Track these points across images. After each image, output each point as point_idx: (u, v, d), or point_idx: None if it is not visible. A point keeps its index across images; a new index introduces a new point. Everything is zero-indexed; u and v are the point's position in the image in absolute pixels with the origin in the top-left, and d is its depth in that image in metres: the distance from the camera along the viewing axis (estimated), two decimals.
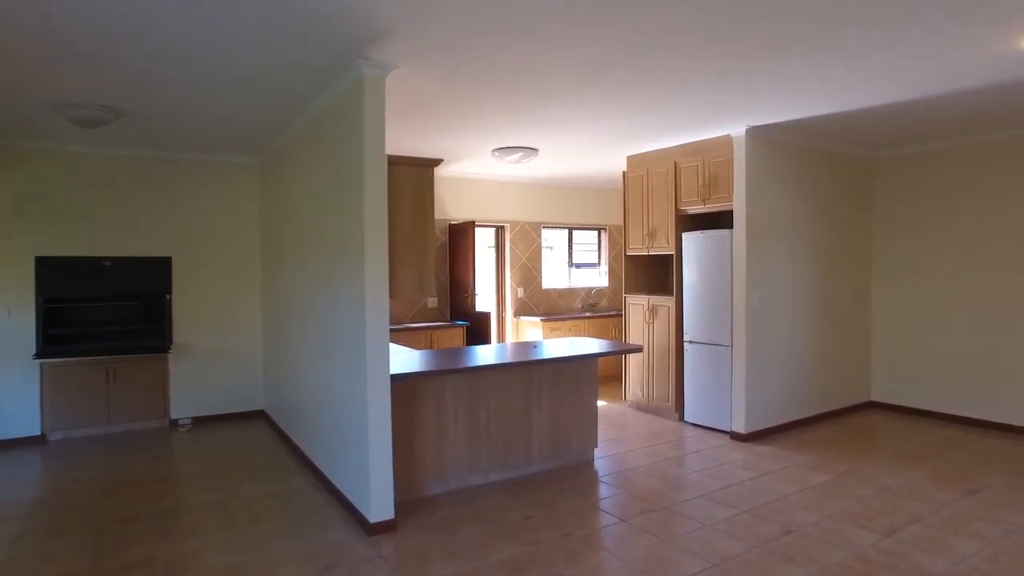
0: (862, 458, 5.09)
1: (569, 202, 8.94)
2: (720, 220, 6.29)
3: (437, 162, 4.11)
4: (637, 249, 6.76)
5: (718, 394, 5.87)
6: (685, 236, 6.19)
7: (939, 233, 6.32)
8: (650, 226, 6.57)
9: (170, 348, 6.32)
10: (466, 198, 8.07)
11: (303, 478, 4.78)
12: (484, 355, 4.71)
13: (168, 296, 6.36)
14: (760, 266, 5.68)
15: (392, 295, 3.94)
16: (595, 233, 9.38)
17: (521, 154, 6.48)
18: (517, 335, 8.45)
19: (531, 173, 8.02)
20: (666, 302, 6.40)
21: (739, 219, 5.60)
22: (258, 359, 6.76)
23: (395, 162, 3.93)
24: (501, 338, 8.51)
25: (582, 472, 4.85)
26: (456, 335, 7.33)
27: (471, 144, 6.23)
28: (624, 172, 6.93)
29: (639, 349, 4.99)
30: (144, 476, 4.91)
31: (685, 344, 6.19)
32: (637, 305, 6.74)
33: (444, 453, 4.41)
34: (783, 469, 4.83)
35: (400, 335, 6.96)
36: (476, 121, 5.23)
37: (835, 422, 6.26)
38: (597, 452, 5.23)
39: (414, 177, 3.98)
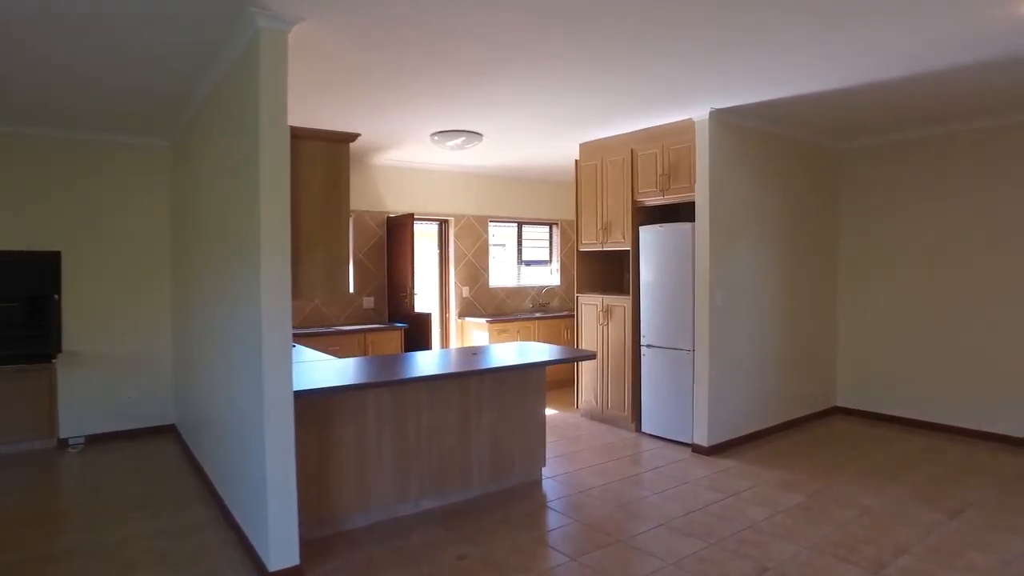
0: (835, 473, 4.65)
1: (519, 195, 8.35)
2: (680, 213, 5.79)
3: (353, 137, 3.46)
4: (590, 244, 6.22)
5: (678, 403, 5.36)
6: (642, 230, 5.68)
7: (906, 230, 5.96)
8: (604, 219, 6.03)
9: (57, 356, 5.48)
10: (406, 189, 7.41)
11: (206, 510, 4.06)
12: (416, 364, 4.08)
13: (56, 296, 5.52)
14: (725, 263, 5.20)
15: (297, 294, 3.28)
16: (546, 228, 8.83)
17: (463, 139, 5.87)
18: (462, 338, 7.82)
19: (478, 163, 7.42)
20: (622, 302, 5.88)
21: (702, 211, 5.10)
22: (168, 367, 5.97)
23: (302, 136, 3.26)
24: (445, 341, 7.88)
25: (528, 496, 4.27)
26: (393, 339, 6.67)
27: (408, 127, 5.58)
28: (576, 161, 6.38)
29: (592, 356, 4.43)
30: (8, 514, 4.11)
31: (642, 348, 5.67)
32: (590, 305, 6.20)
33: (367, 480, 3.77)
34: (752, 488, 4.34)
35: (330, 339, 6.26)
36: (411, 97, 4.60)
37: (802, 430, 5.83)
38: (545, 472, 4.65)
39: (326, 154, 3.32)
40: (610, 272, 6.58)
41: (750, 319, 5.47)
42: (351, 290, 7.05)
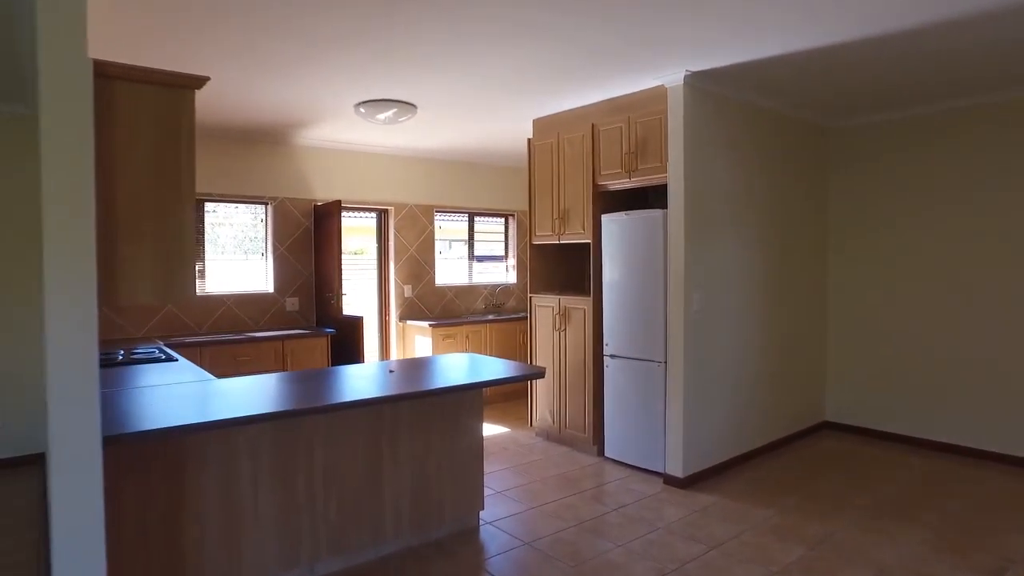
0: (835, 512, 3.84)
1: (470, 183, 7.43)
2: (650, 199, 4.94)
3: (200, 81, 2.51)
4: (545, 236, 5.34)
5: (648, 424, 4.51)
6: (605, 219, 4.81)
7: (907, 223, 5.20)
8: (562, 207, 5.16)
9: None
10: (337, 174, 6.44)
11: None
12: (315, 386, 3.14)
13: None
14: (702, 258, 4.36)
15: (113, 298, 2.32)
16: (501, 221, 7.93)
17: (395, 110, 4.94)
18: (403, 345, 6.88)
19: (421, 145, 6.48)
20: (582, 304, 5.01)
21: (675, 195, 4.25)
22: (36, 387, 4.92)
23: (118, 75, 2.30)
24: (385, 348, 6.93)
25: (459, 550, 3.37)
26: (318, 347, 5.70)
27: (326, 95, 4.63)
28: (529, 140, 5.48)
29: (540, 374, 3.54)
30: None
31: (606, 359, 4.81)
32: (545, 307, 5.32)
33: (237, 545, 2.83)
34: (739, 536, 3.50)
35: (240, 348, 5.28)
36: (317, 53, 3.66)
37: (790, 452, 5.03)
38: (485, 515, 3.76)
39: (158, 104, 2.37)
40: (569, 269, 5.72)
41: (731, 324, 4.64)
42: (270, 288, 6.07)
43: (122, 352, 4.24)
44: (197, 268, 5.63)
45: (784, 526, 3.64)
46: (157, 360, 4.05)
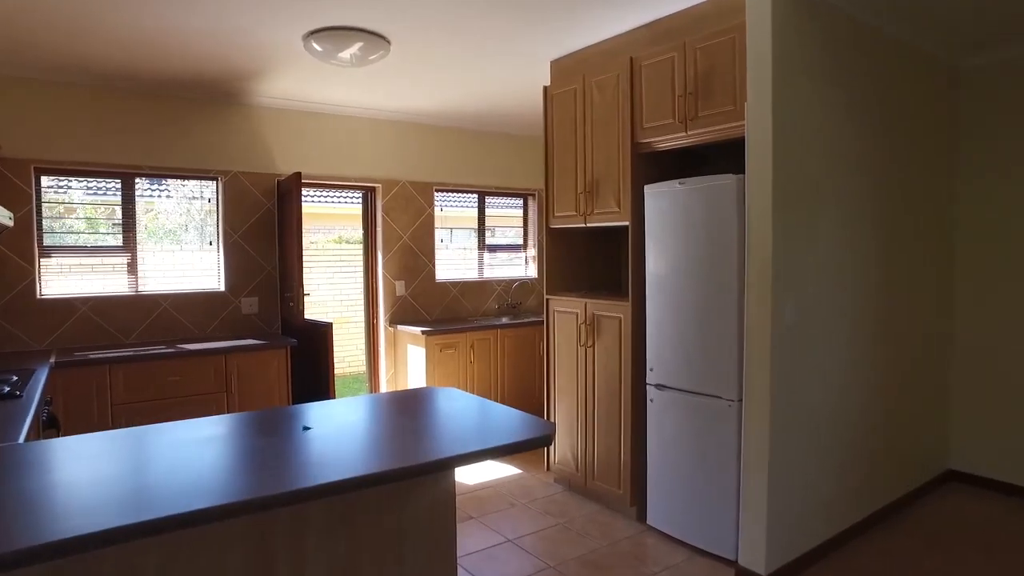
0: None
1: (479, 155, 6.06)
2: (710, 161, 3.52)
3: None
4: (567, 218, 3.96)
5: (712, 488, 3.12)
6: (650, 192, 3.40)
7: None
8: (589, 177, 3.77)
9: None
10: (309, 142, 5.14)
11: None
12: (138, 471, 1.83)
13: None
14: (799, 245, 2.93)
15: None
16: (519, 202, 6.54)
17: (360, 44, 3.61)
18: (393, 356, 5.57)
19: (414, 106, 5.14)
20: (617, 310, 3.62)
21: (759, 152, 2.81)
22: None
23: None
24: (373, 362, 5.63)
25: None
26: (273, 363, 4.42)
27: (269, 22, 3.32)
28: (546, 88, 4.09)
29: (546, 440, 2.16)
30: None
31: (650, 389, 3.42)
32: (567, 313, 3.95)
33: None
34: None
35: (171, 365, 4.03)
36: None
37: (909, 521, 3.57)
38: None
39: None
40: (598, 262, 4.33)
41: (837, 345, 3.20)
42: (220, 286, 4.81)
43: None
44: (124, 261, 4.41)
45: None
46: None
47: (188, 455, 1.91)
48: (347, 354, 9.25)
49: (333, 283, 9.25)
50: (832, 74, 3.08)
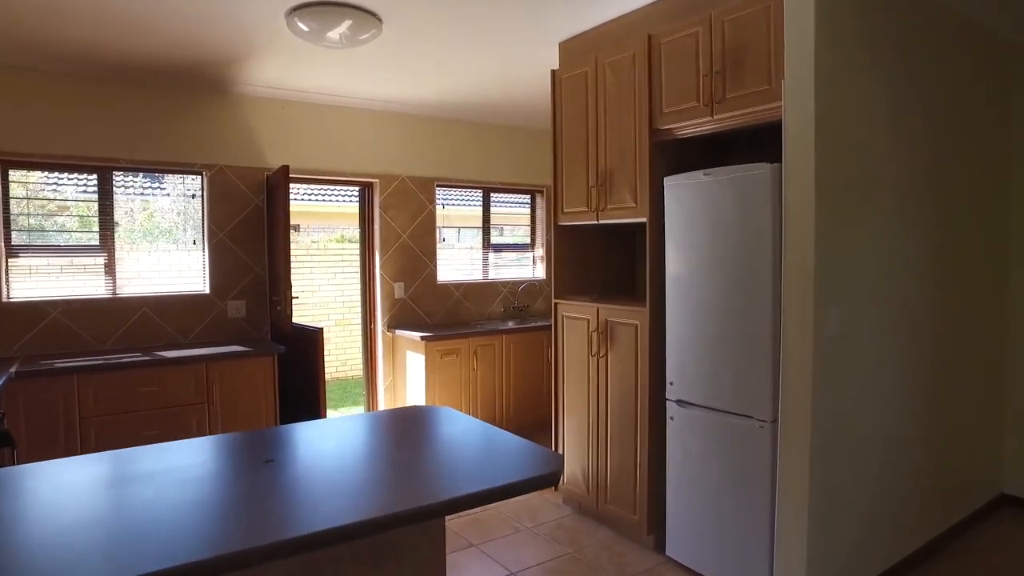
0: None
1: (484, 149, 5.71)
2: (738, 149, 3.16)
3: None
4: (577, 214, 3.60)
5: (742, 517, 2.75)
6: (670, 184, 3.04)
7: None
8: (601, 168, 3.41)
9: None
10: (301, 134, 4.80)
11: None
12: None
13: None
14: (844, 245, 2.55)
15: None
16: (526, 199, 6.18)
17: (349, 23, 3.26)
18: (392, 362, 5.22)
19: (414, 96, 4.79)
20: (632, 316, 3.25)
21: (799, 137, 2.44)
22: None
23: None
24: (371, 369, 5.29)
25: None
26: (259, 372, 4.08)
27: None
28: (554, 71, 3.73)
29: (551, 481, 1.80)
30: None
31: (670, 405, 3.06)
32: (577, 319, 3.59)
33: None
34: None
35: (146, 373, 3.71)
36: None
37: (962, 555, 3.18)
38: None
39: None
40: (612, 262, 3.97)
41: (883, 359, 2.83)
42: (205, 288, 4.49)
43: None
44: (101, 261, 4.10)
45: None
46: None
47: (108, 505, 1.57)
48: (349, 357, 8.94)
49: (335, 283, 8.95)
50: (882, 48, 2.70)
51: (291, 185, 4.35)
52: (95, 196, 4.18)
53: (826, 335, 2.47)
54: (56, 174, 4.11)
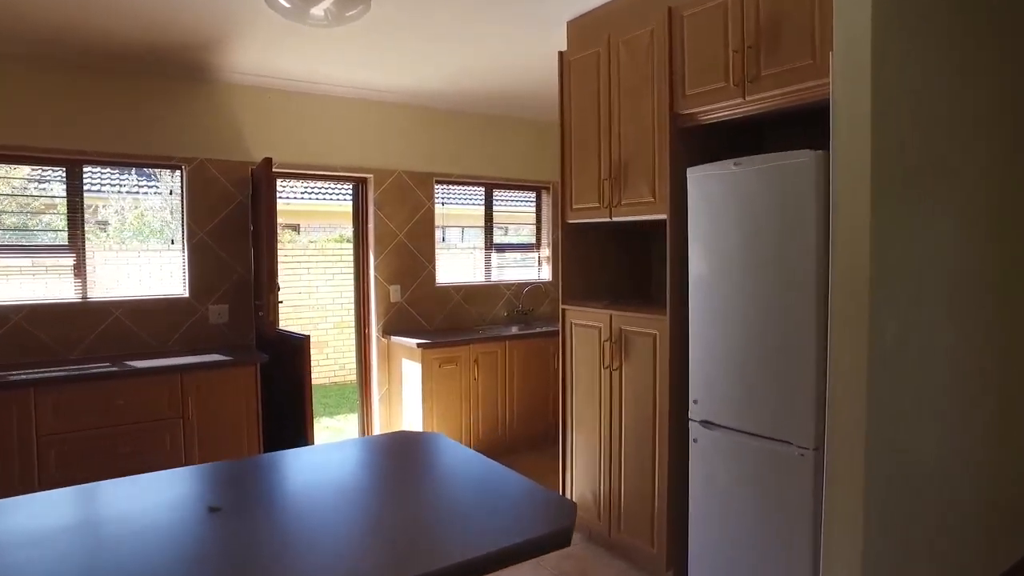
0: None
1: (486, 142, 5.36)
2: (773, 135, 2.80)
3: None
4: (587, 211, 3.25)
5: (778, 558, 2.39)
6: (694, 176, 2.68)
7: None
8: (615, 159, 3.05)
9: None
10: (288, 125, 4.46)
11: None
12: None
13: None
14: (905, 248, 2.19)
15: None
16: (531, 195, 5.83)
17: None
18: (387, 371, 4.88)
19: (411, 84, 4.44)
20: (650, 324, 2.90)
21: (852, 119, 2.07)
22: None
23: None
24: (364, 377, 4.95)
25: None
26: (240, 383, 3.74)
27: None
28: (561, 54, 3.38)
29: (564, 538, 1.45)
30: None
31: (693, 426, 2.70)
32: (587, 328, 3.24)
33: None
34: None
35: (111, 387, 3.38)
36: None
37: None
38: None
39: None
40: (626, 264, 3.62)
41: (948, 377, 2.47)
42: (184, 291, 4.15)
43: None
44: (70, 263, 3.77)
45: None
46: None
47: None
48: (348, 361, 8.59)
49: (334, 284, 8.61)
50: (948, 15, 2.34)
51: (286, 182, 4.02)
52: (63, 192, 3.85)
53: (883, 349, 2.11)
54: (18, 167, 3.78)
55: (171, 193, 4.17)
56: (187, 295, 4.15)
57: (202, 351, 4.00)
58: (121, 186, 4.04)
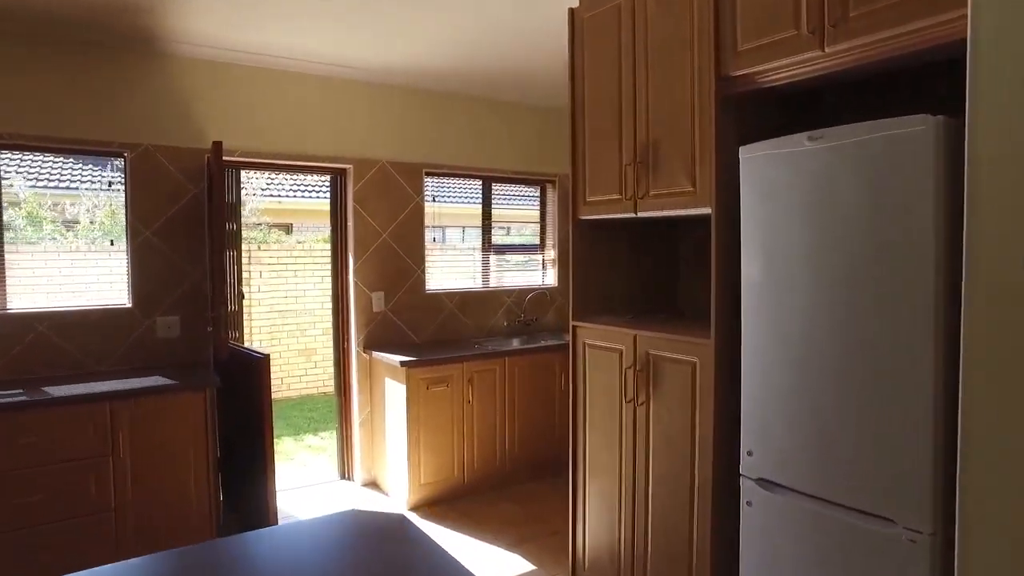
0: None
1: (483, 129, 4.72)
2: (850, 104, 2.17)
3: None
4: (606, 204, 2.62)
5: None
6: (751, 156, 2.04)
7: None
8: (641, 140, 2.42)
9: None
10: (255, 108, 3.84)
11: None
12: None
13: None
14: None
15: None
16: (535, 190, 5.19)
17: None
18: (369, 390, 4.25)
19: (397, 61, 3.79)
20: (686, 349, 2.26)
21: (1003, 71, 1.44)
22: None
23: None
24: (344, 399, 4.31)
25: None
26: (187, 413, 3.10)
27: None
28: (572, 11, 2.75)
29: None
30: None
31: (745, 482, 2.06)
32: (604, 350, 2.60)
33: None
34: None
35: (18, 419, 2.75)
36: None
37: None
38: None
39: None
40: (647, 267, 2.98)
41: None
42: (126, 301, 3.52)
43: None
44: None
45: None
46: None
47: None
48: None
49: (323, 288, 7.97)
50: None
51: (274, 176, 3.40)
52: None
53: None
54: None
55: (110, 185, 3.54)
56: (129, 305, 3.52)
57: (147, 372, 3.37)
58: (50, 177, 3.40)
